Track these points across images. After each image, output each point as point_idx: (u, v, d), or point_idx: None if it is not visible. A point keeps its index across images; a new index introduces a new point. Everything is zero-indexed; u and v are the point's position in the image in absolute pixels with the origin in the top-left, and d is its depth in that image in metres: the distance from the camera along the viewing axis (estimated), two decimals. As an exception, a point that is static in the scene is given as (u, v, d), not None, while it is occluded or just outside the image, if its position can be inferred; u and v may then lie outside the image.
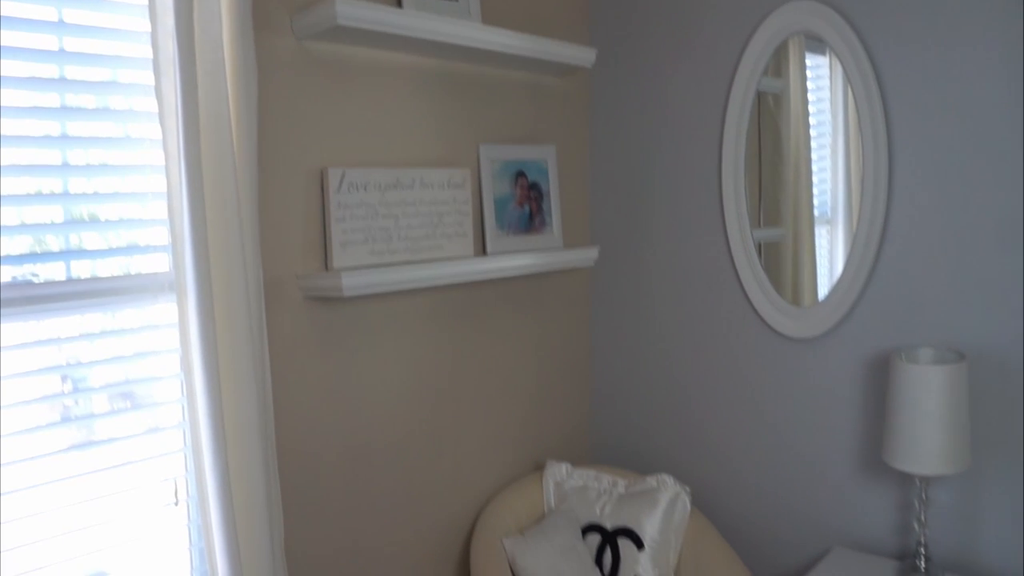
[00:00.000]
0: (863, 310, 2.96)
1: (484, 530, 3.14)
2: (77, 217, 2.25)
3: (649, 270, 3.57)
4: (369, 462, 2.92)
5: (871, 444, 2.98)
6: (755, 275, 3.22)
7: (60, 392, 2.23)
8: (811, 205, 3.11)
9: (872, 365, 2.96)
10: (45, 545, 2.21)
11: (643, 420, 3.65)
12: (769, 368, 3.23)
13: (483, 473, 3.35)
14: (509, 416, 3.44)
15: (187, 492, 2.49)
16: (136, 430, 2.37)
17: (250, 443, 2.38)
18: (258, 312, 2.43)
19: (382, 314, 2.93)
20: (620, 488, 3.30)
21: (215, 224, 2.29)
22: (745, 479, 3.34)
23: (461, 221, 3.04)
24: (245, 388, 2.36)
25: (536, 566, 3.01)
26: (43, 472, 2.19)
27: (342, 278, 2.54)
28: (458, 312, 3.19)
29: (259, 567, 2.43)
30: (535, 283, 3.51)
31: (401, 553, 3.06)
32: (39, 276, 2.17)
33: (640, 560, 3.11)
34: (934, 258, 2.80)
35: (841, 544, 3.08)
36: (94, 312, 2.27)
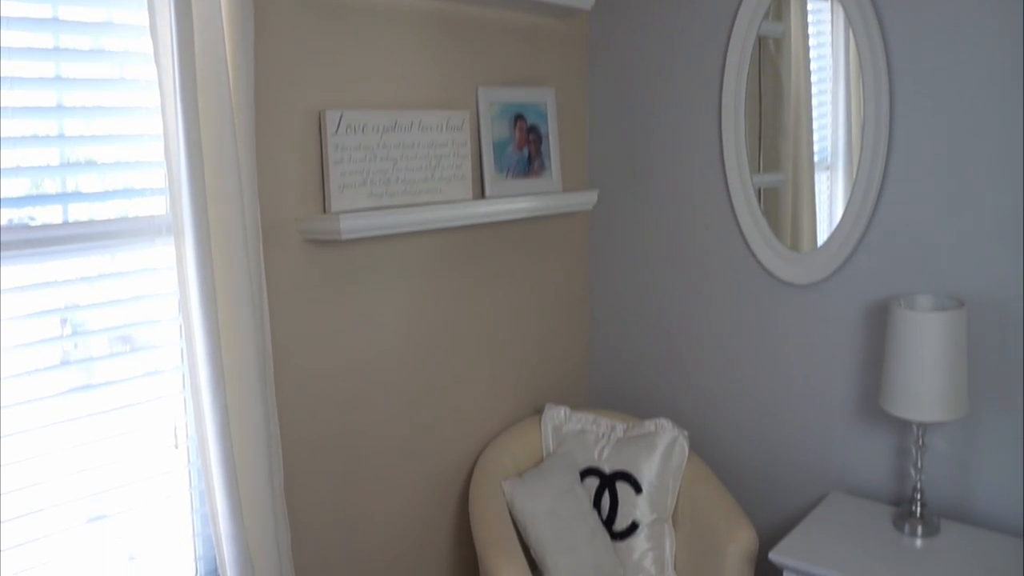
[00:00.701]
0: (862, 256, 2.96)
1: (483, 473, 3.16)
2: (73, 160, 2.23)
3: (648, 214, 3.55)
4: (368, 405, 2.93)
5: (869, 391, 2.99)
6: (754, 220, 3.21)
7: (59, 335, 2.23)
8: (811, 150, 3.10)
9: (871, 312, 2.96)
10: (46, 488, 2.22)
11: (642, 364, 3.66)
12: (768, 314, 3.23)
13: (482, 417, 3.36)
14: (508, 360, 3.45)
15: (186, 434, 2.50)
16: (135, 373, 2.37)
17: (249, 385, 2.39)
18: (256, 255, 2.42)
19: (380, 257, 2.92)
20: (618, 432, 3.31)
21: (212, 166, 2.27)
22: (743, 424, 3.35)
23: (460, 164, 3.03)
24: (243, 331, 2.36)
25: (534, 509, 3.04)
26: (43, 415, 2.20)
27: (340, 221, 2.53)
28: (457, 256, 3.18)
29: (259, 508, 2.44)
30: (534, 227, 3.49)
31: (401, 495, 3.08)
32: (36, 219, 2.15)
33: (638, 503, 3.13)
34: (934, 204, 2.79)
35: (838, 489, 3.11)
36: (92, 255, 2.26)
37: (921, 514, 2.73)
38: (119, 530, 2.38)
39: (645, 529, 3.11)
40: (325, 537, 2.85)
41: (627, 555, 3.11)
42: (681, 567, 3.11)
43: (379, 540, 3.03)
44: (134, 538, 2.42)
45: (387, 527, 3.05)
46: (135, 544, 2.42)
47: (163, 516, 2.48)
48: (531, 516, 3.03)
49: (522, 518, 3.04)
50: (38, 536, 2.21)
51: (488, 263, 3.31)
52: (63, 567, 2.28)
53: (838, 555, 2.63)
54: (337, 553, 2.89)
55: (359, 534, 2.96)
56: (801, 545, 2.70)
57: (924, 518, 2.73)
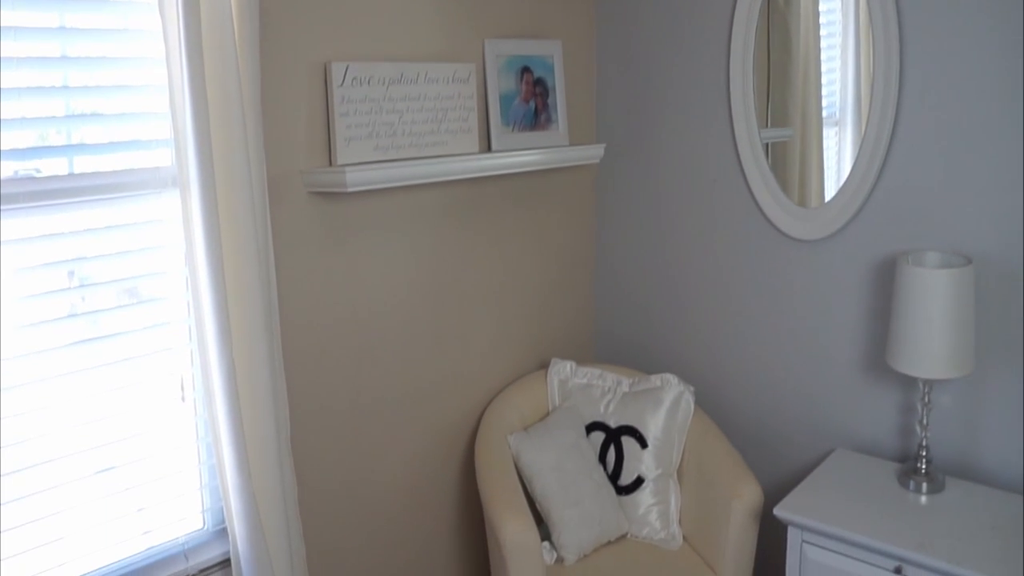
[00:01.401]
0: (870, 213, 2.94)
1: (489, 427, 3.17)
2: (78, 111, 2.22)
3: (655, 169, 3.53)
4: (374, 359, 2.94)
5: (875, 347, 2.99)
6: (762, 175, 3.18)
7: (66, 287, 2.23)
8: (819, 106, 3.08)
9: (878, 268, 2.95)
10: (54, 439, 2.23)
11: (648, 319, 3.65)
12: (774, 269, 3.21)
13: (488, 371, 3.37)
14: (514, 314, 3.44)
15: (193, 387, 2.51)
16: (142, 325, 2.37)
17: (255, 338, 2.39)
18: (262, 207, 2.41)
19: (386, 210, 2.91)
20: (624, 387, 3.32)
21: (217, 118, 2.26)
22: (749, 380, 3.36)
23: (466, 117, 3.01)
24: (250, 283, 2.36)
25: (540, 462, 3.05)
26: (51, 366, 2.20)
27: (346, 173, 2.52)
28: (463, 209, 3.17)
29: (266, 461, 2.46)
30: (541, 180, 3.48)
31: (406, 449, 3.09)
32: (42, 171, 2.14)
33: (643, 458, 3.14)
34: (944, 161, 2.77)
35: (843, 446, 3.11)
36: (98, 207, 2.25)
37: (926, 471, 2.73)
38: (127, 482, 2.39)
39: (650, 484, 3.12)
40: (331, 489, 2.87)
41: (632, 509, 3.12)
42: (686, 522, 3.13)
43: (385, 493, 3.04)
44: (142, 490, 2.43)
45: (393, 480, 3.06)
46: (143, 496, 2.44)
47: (170, 468, 2.50)
48: (537, 470, 3.04)
49: (528, 472, 3.05)
50: (46, 487, 2.23)
51: (494, 217, 3.30)
52: (71, 518, 2.29)
53: (843, 511, 2.63)
54: (343, 505, 2.91)
55: (365, 486, 2.97)
56: (806, 501, 2.71)
57: (929, 475, 2.73)
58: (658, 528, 3.11)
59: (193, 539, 2.56)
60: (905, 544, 2.44)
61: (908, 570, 2.45)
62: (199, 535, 2.58)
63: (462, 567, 3.38)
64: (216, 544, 2.59)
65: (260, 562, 2.46)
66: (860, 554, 2.54)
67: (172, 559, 2.50)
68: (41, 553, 2.24)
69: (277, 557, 2.51)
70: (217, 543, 2.59)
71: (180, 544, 2.53)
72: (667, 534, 3.10)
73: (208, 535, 2.60)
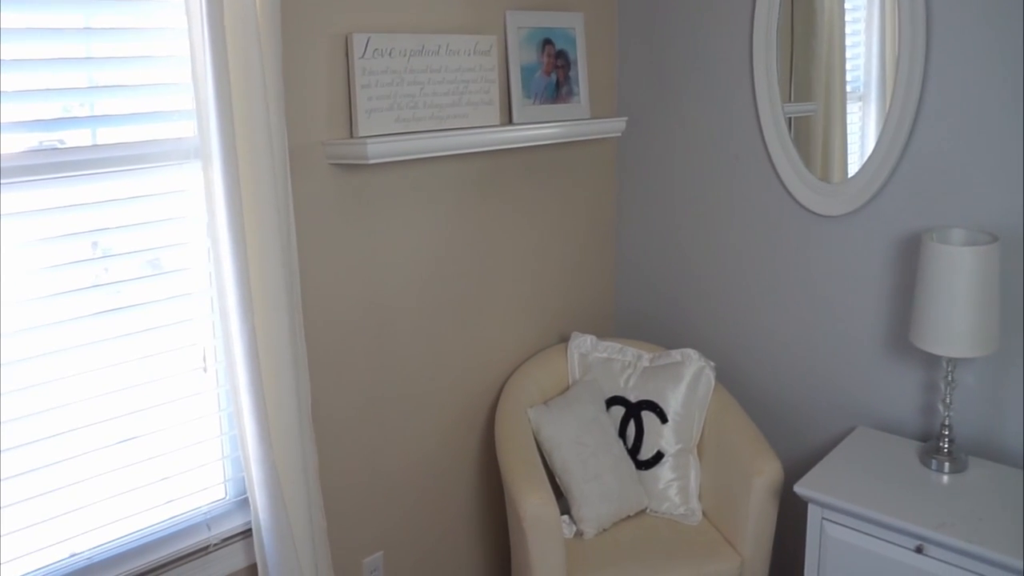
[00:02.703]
0: (894, 188, 2.92)
1: (509, 400, 3.18)
2: (101, 83, 2.22)
3: (677, 142, 3.51)
4: (395, 330, 2.94)
5: (898, 325, 2.97)
6: (785, 150, 3.16)
7: (90, 257, 2.23)
8: (843, 80, 3.05)
9: (902, 245, 2.93)
10: (77, 408, 2.24)
11: (668, 294, 3.64)
12: (797, 245, 3.19)
13: (508, 344, 3.36)
14: (534, 287, 3.44)
15: (215, 357, 2.52)
16: (164, 296, 2.38)
17: (276, 308, 2.40)
18: (283, 178, 2.41)
19: (407, 182, 2.90)
20: (644, 361, 3.31)
21: (239, 89, 2.26)
22: (770, 356, 3.34)
23: (487, 89, 2.99)
24: (271, 254, 2.37)
25: (560, 436, 3.05)
26: (74, 336, 2.21)
27: (367, 145, 2.51)
28: (484, 181, 3.16)
29: (287, 431, 2.47)
30: (561, 153, 3.46)
31: (427, 422, 3.10)
32: (65, 142, 2.15)
33: (663, 433, 3.14)
34: (969, 137, 2.74)
35: (865, 424, 3.10)
36: (121, 178, 2.25)
37: (949, 450, 2.72)
38: (149, 452, 2.41)
39: (670, 459, 3.12)
40: (352, 460, 2.88)
41: (652, 484, 3.12)
42: (706, 498, 3.13)
43: (405, 464, 3.05)
44: (164, 460, 2.45)
45: (413, 452, 3.07)
46: (165, 466, 2.45)
47: (192, 438, 2.51)
48: (556, 443, 3.04)
49: (547, 445, 3.06)
50: (70, 456, 2.24)
51: (515, 190, 3.29)
52: (95, 487, 2.31)
53: (864, 489, 2.62)
54: (363, 477, 2.92)
55: (385, 457, 2.98)
56: (827, 478, 2.70)
57: (951, 454, 2.71)
58: (677, 503, 3.11)
59: (215, 509, 2.58)
60: (926, 523, 2.43)
61: (929, 549, 2.44)
62: (221, 505, 2.60)
63: (482, 540, 3.39)
64: (238, 514, 2.61)
65: (281, 532, 2.48)
66: (881, 532, 2.53)
67: (194, 528, 2.52)
68: (65, 522, 2.26)
69: (298, 527, 2.53)
70: (239, 513, 2.61)
71: (202, 514, 2.55)
72: (686, 509, 3.10)
73: (230, 505, 2.62)
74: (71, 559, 2.28)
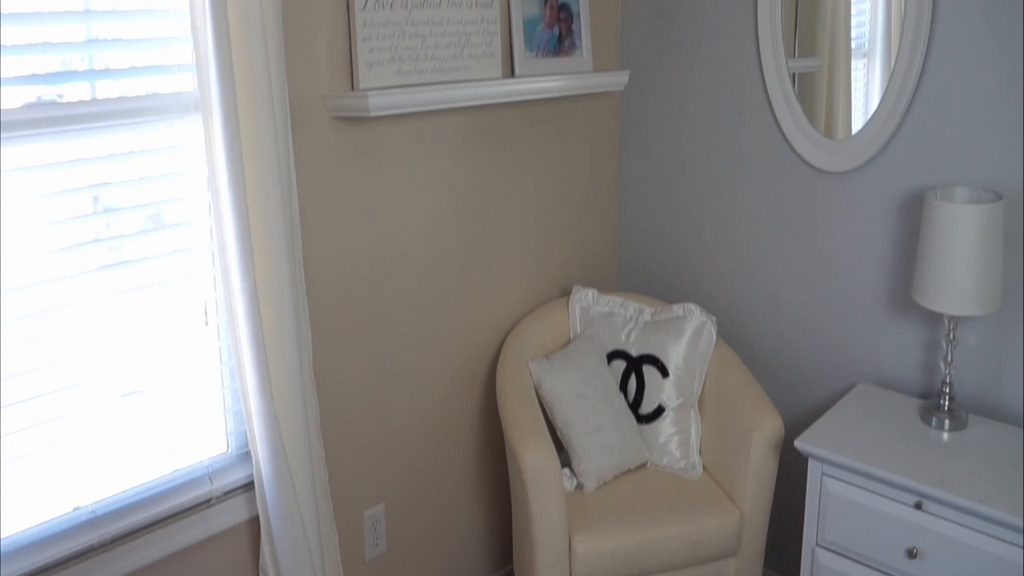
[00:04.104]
0: (898, 145, 2.90)
1: (510, 354, 3.18)
2: (100, 36, 2.20)
3: (680, 97, 3.48)
4: (396, 284, 2.94)
5: (901, 282, 2.96)
6: (788, 105, 3.13)
7: (91, 212, 2.23)
8: (848, 36, 3.02)
9: (905, 202, 2.91)
10: (79, 363, 2.25)
11: (671, 248, 3.63)
12: (800, 201, 3.18)
13: (510, 297, 3.36)
14: (536, 241, 3.43)
15: (216, 312, 2.52)
16: (165, 250, 2.38)
17: (278, 263, 2.39)
18: (284, 132, 2.39)
19: (409, 135, 2.89)
20: (646, 316, 3.31)
21: (239, 42, 2.23)
22: (772, 311, 3.34)
23: (489, 42, 2.96)
24: (272, 208, 2.36)
25: (561, 389, 3.05)
26: (76, 291, 2.21)
27: (369, 98, 2.50)
28: (486, 135, 3.14)
29: (288, 385, 2.48)
30: (564, 107, 3.44)
31: (428, 374, 3.10)
32: (64, 96, 2.13)
33: (664, 387, 3.15)
34: (975, 95, 2.72)
35: (866, 380, 3.10)
36: (120, 132, 2.24)
37: (949, 408, 2.72)
38: (151, 406, 2.42)
39: (671, 413, 3.13)
40: (353, 413, 2.89)
41: (653, 438, 3.14)
42: (706, 452, 3.14)
43: (407, 418, 3.06)
44: (166, 413, 2.45)
45: (415, 406, 3.08)
46: (167, 419, 2.46)
47: (194, 392, 2.52)
48: (557, 397, 3.05)
49: (549, 399, 3.06)
50: (72, 410, 2.25)
51: (517, 143, 3.27)
52: (97, 441, 2.31)
53: (864, 445, 2.63)
54: (365, 430, 2.93)
55: (387, 411, 2.99)
56: (827, 434, 2.71)
57: (952, 412, 2.72)
58: (678, 457, 3.12)
59: (217, 462, 2.59)
60: (926, 480, 2.44)
61: (928, 505, 2.45)
62: (223, 458, 2.61)
63: (483, 493, 3.42)
64: (240, 467, 2.62)
65: (282, 485, 2.49)
66: (880, 488, 2.54)
67: (196, 482, 2.53)
68: (68, 476, 2.28)
69: (299, 480, 2.55)
70: (241, 466, 2.62)
71: (204, 467, 2.56)
72: (687, 463, 3.12)
73: (232, 458, 2.63)
74: (75, 513, 2.30)
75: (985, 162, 2.72)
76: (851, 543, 2.63)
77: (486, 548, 3.49)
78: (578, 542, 2.77)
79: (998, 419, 2.80)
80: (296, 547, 2.55)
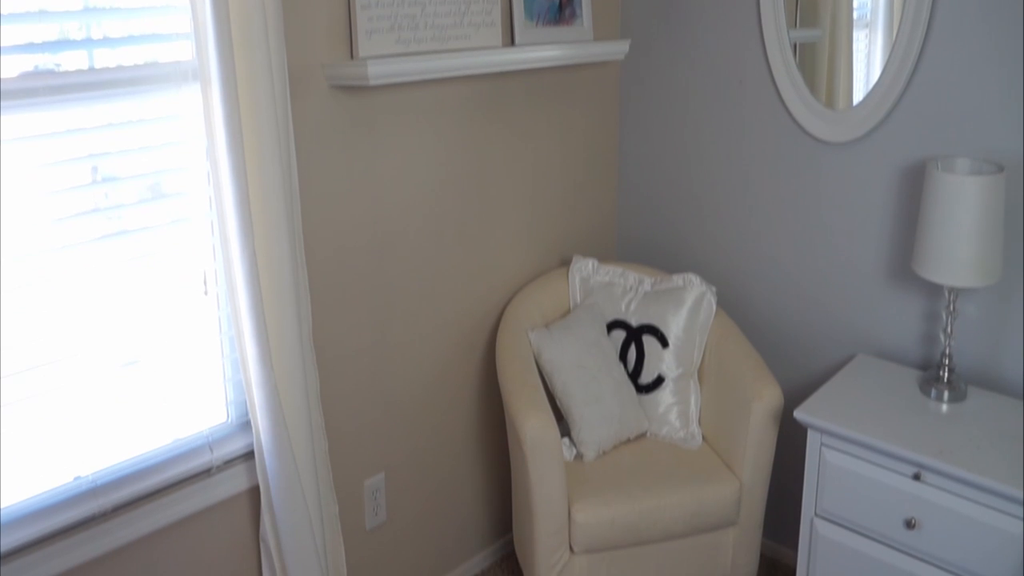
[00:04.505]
0: (900, 116, 2.88)
1: (510, 324, 3.18)
2: (98, 5, 2.18)
3: (681, 67, 3.46)
4: (395, 254, 2.93)
5: (901, 253, 2.96)
6: (790, 75, 3.12)
7: (90, 182, 2.22)
8: (850, 6, 3.01)
9: (906, 173, 2.90)
10: (79, 333, 2.24)
11: (670, 219, 3.62)
12: (801, 172, 3.17)
13: (509, 267, 3.36)
14: (536, 210, 3.42)
15: (216, 281, 2.51)
16: (165, 220, 2.37)
17: (277, 231, 2.39)
18: (283, 101, 2.38)
19: (408, 104, 2.87)
20: (646, 286, 3.31)
21: (237, 10, 2.22)
22: (772, 282, 3.34)
23: (489, 10, 2.94)
24: (271, 177, 2.35)
25: (561, 359, 3.06)
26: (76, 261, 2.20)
27: (368, 66, 2.48)
28: (485, 104, 3.13)
29: (288, 354, 2.48)
30: (564, 76, 3.42)
31: (428, 344, 3.11)
32: (61, 65, 2.12)
33: (664, 357, 3.15)
34: (978, 66, 2.70)
35: (865, 351, 3.10)
36: (119, 102, 2.23)
37: (948, 379, 2.73)
38: (151, 376, 2.42)
39: (671, 383, 3.14)
40: (353, 383, 2.89)
41: (652, 408, 3.14)
42: (706, 422, 3.15)
43: (407, 388, 3.07)
44: (166, 383, 2.45)
45: (415, 374, 3.08)
46: (167, 389, 2.46)
47: (194, 362, 2.52)
48: (557, 367, 3.05)
49: (548, 368, 3.07)
50: (71, 380, 2.25)
51: (517, 113, 3.25)
52: (97, 411, 2.32)
53: (864, 416, 2.64)
54: (364, 399, 2.94)
55: (387, 381, 2.99)
56: (826, 405, 2.71)
57: (951, 383, 2.72)
58: (678, 427, 3.13)
59: (217, 432, 2.59)
60: (925, 451, 2.45)
61: (927, 476, 2.46)
62: (223, 428, 2.62)
63: (483, 463, 3.43)
64: (240, 436, 2.62)
65: (282, 454, 2.50)
66: (879, 459, 2.55)
67: (197, 451, 2.53)
68: (69, 445, 2.28)
69: (299, 449, 2.55)
70: (241, 435, 2.62)
71: (204, 436, 2.56)
72: (686, 433, 3.12)
73: (232, 428, 2.64)
74: (75, 482, 2.30)
75: (987, 133, 2.71)
76: (850, 514, 2.64)
77: (486, 517, 3.50)
78: (577, 511, 2.78)
79: (997, 391, 2.81)
80: (296, 516, 2.56)
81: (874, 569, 2.63)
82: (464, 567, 3.45)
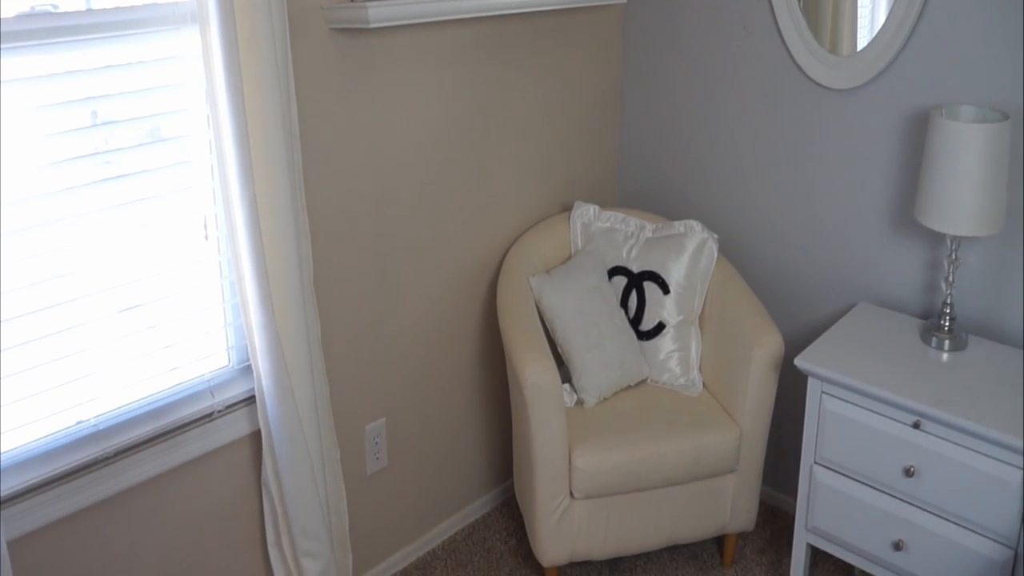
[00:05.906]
0: (904, 63, 2.85)
1: (511, 269, 3.18)
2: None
3: (683, 11, 3.41)
4: (396, 198, 2.92)
5: (903, 202, 2.94)
6: (793, 20, 3.08)
7: (89, 125, 2.20)
8: (856, -51, 2.96)
9: (910, 121, 2.88)
10: (78, 277, 2.24)
11: (672, 165, 3.60)
12: (804, 118, 3.14)
13: (510, 213, 3.35)
14: (537, 156, 3.40)
15: (216, 225, 2.50)
16: (164, 164, 2.35)
17: (277, 175, 2.38)
18: (283, 43, 2.36)
19: (408, 47, 2.84)
20: (647, 232, 3.30)
21: (236, -50, 2.19)
22: (773, 230, 3.32)
23: (493, -48, 2.91)
24: (271, 120, 2.33)
25: (562, 305, 3.06)
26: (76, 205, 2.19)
27: (368, 9, 2.45)
28: (486, 47, 3.09)
29: (288, 298, 2.48)
30: (566, 20, 3.38)
31: (429, 289, 3.10)
32: (59, 6, 2.09)
33: (665, 304, 3.15)
34: (984, 13, 2.67)
35: (867, 300, 3.10)
36: (117, 44, 2.20)
37: (949, 328, 2.73)
38: (152, 320, 2.41)
39: (671, 330, 3.14)
40: (354, 328, 2.89)
41: (653, 355, 3.15)
42: (706, 369, 3.15)
43: (408, 332, 3.07)
44: (167, 328, 2.45)
45: (416, 320, 3.08)
46: (168, 333, 2.46)
47: (195, 306, 2.51)
48: (558, 312, 3.05)
49: (549, 314, 3.07)
50: (72, 325, 2.25)
51: (519, 56, 3.22)
52: (98, 356, 2.32)
53: (864, 364, 2.64)
54: (366, 344, 2.94)
55: (388, 325, 2.99)
56: (827, 352, 2.71)
57: (952, 332, 2.73)
58: (678, 374, 3.13)
59: (218, 376, 2.60)
60: (925, 399, 2.46)
61: (927, 425, 2.47)
62: (224, 372, 2.62)
63: (484, 408, 3.44)
64: (241, 381, 2.63)
65: (283, 399, 2.51)
66: (879, 407, 2.56)
67: (198, 395, 2.54)
68: (70, 390, 2.28)
69: (300, 394, 2.56)
70: (242, 380, 2.63)
71: (206, 381, 2.57)
72: (687, 380, 3.13)
73: (233, 372, 2.64)
74: (77, 426, 2.31)
75: (992, 81, 2.69)
76: (849, 461, 2.66)
77: (486, 463, 3.52)
78: (577, 457, 2.80)
79: (998, 340, 2.81)
80: (297, 461, 2.57)
81: (873, 516, 2.65)
82: (465, 512, 3.48)
